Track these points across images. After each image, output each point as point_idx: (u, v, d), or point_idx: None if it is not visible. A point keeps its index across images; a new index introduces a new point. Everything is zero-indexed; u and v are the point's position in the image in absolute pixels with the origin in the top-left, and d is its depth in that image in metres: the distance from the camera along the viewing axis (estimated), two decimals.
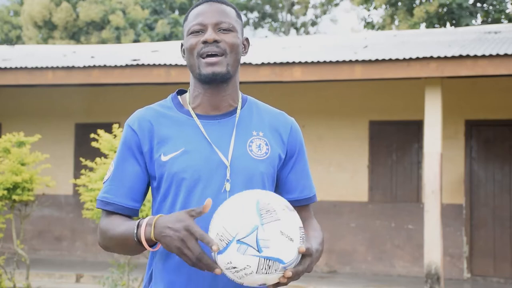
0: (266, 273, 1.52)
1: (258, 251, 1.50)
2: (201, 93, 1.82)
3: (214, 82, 1.78)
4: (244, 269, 1.51)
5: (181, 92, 1.91)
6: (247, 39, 1.89)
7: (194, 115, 1.81)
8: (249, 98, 1.90)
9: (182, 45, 1.87)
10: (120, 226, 1.72)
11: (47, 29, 22.27)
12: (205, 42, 1.76)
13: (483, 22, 17.66)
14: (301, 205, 1.88)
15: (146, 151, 1.78)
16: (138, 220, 1.68)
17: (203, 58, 1.77)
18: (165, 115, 1.81)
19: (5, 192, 5.96)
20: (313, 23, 27.47)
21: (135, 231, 1.65)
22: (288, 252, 1.53)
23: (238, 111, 1.83)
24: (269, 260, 1.51)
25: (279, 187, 1.88)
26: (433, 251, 7.51)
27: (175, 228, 1.56)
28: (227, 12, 1.81)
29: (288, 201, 1.85)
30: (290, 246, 1.53)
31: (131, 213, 1.80)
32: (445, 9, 17.21)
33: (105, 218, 1.79)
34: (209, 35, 1.76)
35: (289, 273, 1.54)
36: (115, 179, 1.80)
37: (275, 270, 1.52)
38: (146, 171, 1.80)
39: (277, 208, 1.55)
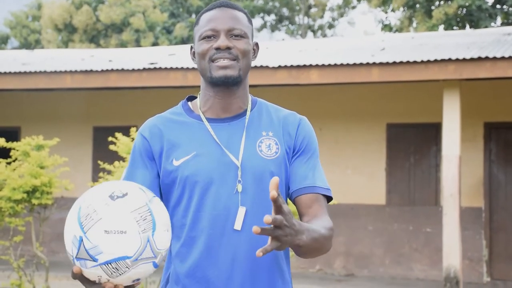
0: (121, 274, 1.44)
1: (94, 261, 1.43)
2: (211, 96, 1.83)
3: (226, 85, 1.79)
4: (100, 278, 1.45)
5: (191, 98, 1.92)
6: (256, 44, 1.90)
7: (204, 119, 1.82)
8: (259, 100, 1.91)
9: (191, 47, 1.88)
10: None
11: (67, 32, 22.47)
12: (217, 49, 1.77)
13: (503, 24, 17.49)
14: (306, 194, 1.78)
15: (158, 157, 1.80)
16: None
17: (215, 62, 1.78)
18: (176, 121, 1.84)
19: (25, 195, 6.00)
20: (330, 26, 27.40)
21: None
22: (126, 245, 1.43)
23: (248, 113, 1.83)
24: (111, 263, 1.43)
25: (289, 182, 1.83)
26: (452, 255, 7.45)
27: None
28: (239, 18, 1.81)
29: (292, 191, 1.79)
30: (125, 238, 1.43)
31: None
32: (464, 11, 17.08)
33: None
34: (222, 41, 1.77)
35: (268, 219, 1.40)
36: None
37: (127, 267, 1.44)
38: (157, 177, 1.81)
39: (97, 206, 1.45)
